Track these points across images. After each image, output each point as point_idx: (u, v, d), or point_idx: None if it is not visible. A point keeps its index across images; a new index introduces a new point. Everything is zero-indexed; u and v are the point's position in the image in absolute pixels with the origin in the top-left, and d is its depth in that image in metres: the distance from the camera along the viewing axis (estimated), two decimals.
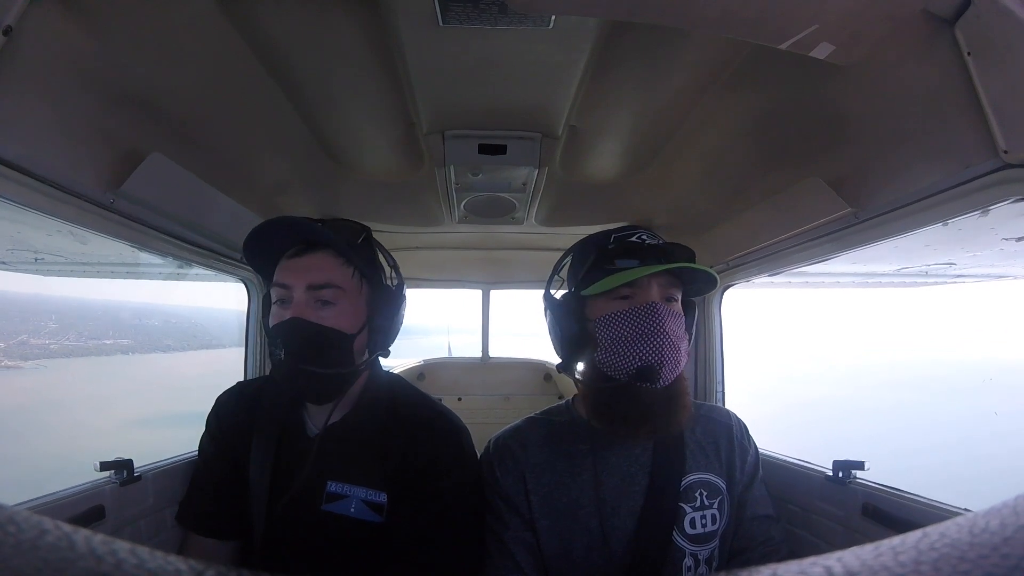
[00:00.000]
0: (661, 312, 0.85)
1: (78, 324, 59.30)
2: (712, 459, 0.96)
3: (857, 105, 0.89)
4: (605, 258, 0.91)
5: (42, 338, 44.79)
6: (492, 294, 2.52)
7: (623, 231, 0.94)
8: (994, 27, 0.63)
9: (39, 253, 1.30)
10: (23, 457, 11.97)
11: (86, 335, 54.69)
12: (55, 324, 53.52)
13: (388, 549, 0.89)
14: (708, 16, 0.68)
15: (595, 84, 0.98)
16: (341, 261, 0.90)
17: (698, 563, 0.90)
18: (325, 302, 0.88)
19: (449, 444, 0.95)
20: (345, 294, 0.89)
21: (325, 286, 0.87)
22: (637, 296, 0.87)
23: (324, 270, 0.88)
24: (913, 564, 0.15)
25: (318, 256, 0.89)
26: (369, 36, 0.86)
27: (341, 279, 0.89)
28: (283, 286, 0.88)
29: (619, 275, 0.87)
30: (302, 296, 0.87)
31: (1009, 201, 0.73)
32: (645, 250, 0.90)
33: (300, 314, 0.86)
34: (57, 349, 41.78)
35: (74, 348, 46.63)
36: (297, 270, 0.88)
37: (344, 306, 0.89)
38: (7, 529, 0.15)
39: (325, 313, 0.87)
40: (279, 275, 0.90)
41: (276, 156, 1.28)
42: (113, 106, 0.88)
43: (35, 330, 46.68)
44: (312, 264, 0.88)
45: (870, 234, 1.00)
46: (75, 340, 50.72)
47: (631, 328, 0.85)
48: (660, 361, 0.83)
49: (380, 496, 0.91)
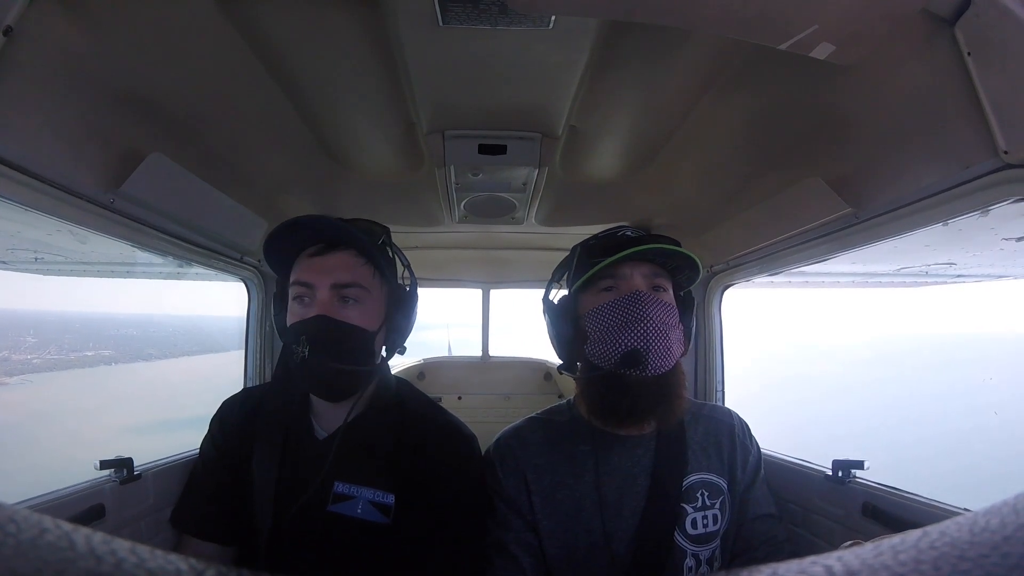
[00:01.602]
0: (644, 299, 0.86)
1: (57, 337, 59.46)
2: (714, 459, 0.96)
3: (857, 105, 0.89)
4: (588, 254, 0.95)
5: (23, 353, 44.64)
6: (492, 293, 2.52)
7: (609, 230, 0.99)
8: (994, 27, 0.63)
9: (39, 252, 1.30)
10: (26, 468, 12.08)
11: (67, 348, 54.71)
12: (34, 338, 53.67)
13: (394, 551, 0.89)
14: (708, 16, 0.68)
15: (595, 84, 0.98)
16: (363, 261, 0.91)
17: (699, 563, 0.90)
18: (349, 300, 0.89)
19: (459, 450, 0.97)
20: (368, 293, 0.91)
21: (350, 285, 0.88)
22: (621, 287, 0.90)
23: (348, 269, 0.89)
24: (913, 563, 0.15)
25: (341, 256, 0.90)
26: (369, 36, 0.86)
27: (364, 278, 0.90)
28: (305, 284, 0.88)
29: (597, 267, 0.90)
30: (327, 294, 0.87)
31: (1009, 201, 0.73)
32: (625, 243, 0.92)
33: (326, 312, 0.86)
34: (40, 363, 41.57)
35: (57, 361, 46.26)
36: (321, 269, 0.88)
37: (367, 305, 0.91)
38: (7, 528, 0.15)
39: (349, 311, 0.88)
40: (300, 273, 0.90)
41: (276, 156, 1.28)
42: (113, 106, 0.88)
43: (14, 346, 46.63)
44: (336, 263, 0.89)
45: (870, 234, 1.00)
46: (56, 353, 50.62)
47: (616, 317, 0.87)
48: (646, 347, 0.84)
49: (387, 497, 0.91)
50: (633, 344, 0.84)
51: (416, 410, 1.00)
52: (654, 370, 0.84)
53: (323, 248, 0.90)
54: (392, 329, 0.96)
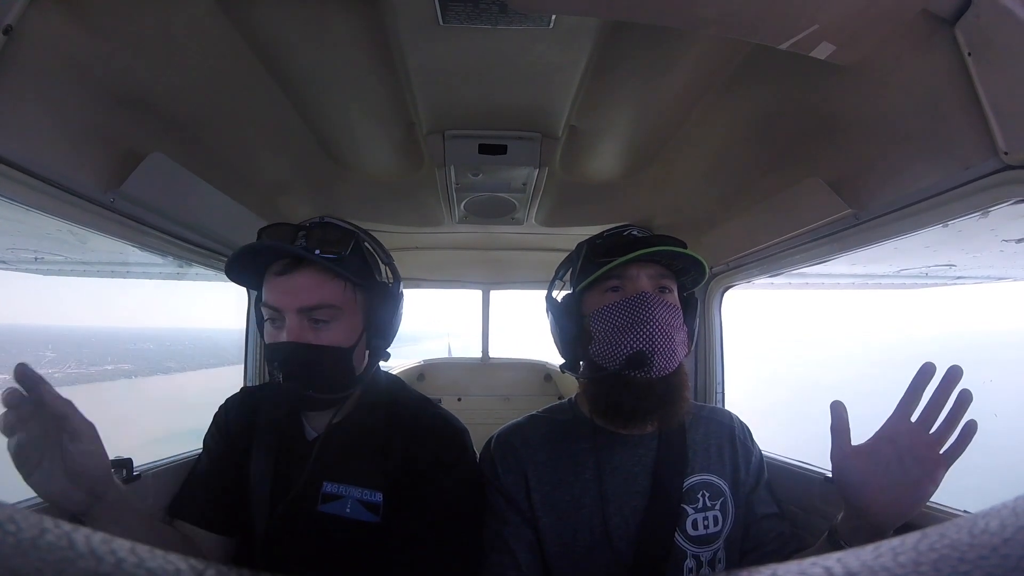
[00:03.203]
0: (650, 301, 0.86)
1: (75, 352, 60.06)
2: (714, 460, 0.96)
3: (857, 105, 0.89)
4: (594, 254, 0.94)
5: (44, 367, 45.28)
6: (492, 294, 2.53)
7: (614, 229, 0.98)
8: (994, 27, 0.63)
9: (39, 252, 1.30)
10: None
11: (86, 362, 55.73)
12: (53, 353, 54.14)
13: (385, 549, 0.89)
14: (708, 16, 0.68)
15: (595, 84, 0.98)
16: (330, 275, 0.86)
17: (700, 565, 0.90)
18: (319, 321, 0.86)
19: (451, 444, 0.96)
20: (339, 311, 0.87)
21: (318, 307, 0.85)
22: (627, 287, 0.89)
23: (313, 289, 0.85)
24: (913, 565, 0.15)
25: (306, 275, 0.85)
26: (369, 36, 0.86)
27: (332, 296, 0.86)
28: (273, 308, 0.86)
29: (605, 267, 0.89)
30: (295, 319, 0.84)
31: (1009, 202, 0.73)
32: (631, 243, 0.91)
33: (296, 338, 0.83)
34: (62, 377, 42.00)
35: (78, 375, 46.83)
36: (286, 291, 0.85)
37: (340, 322, 0.87)
38: (7, 528, 0.15)
39: (321, 334, 0.86)
40: (267, 295, 0.87)
41: (276, 156, 1.28)
42: (113, 106, 0.88)
43: (34, 360, 47.14)
44: (300, 284, 0.84)
45: (870, 235, 1.00)
46: (77, 368, 51.35)
47: (622, 318, 0.86)
48: (651, 348, 0.83)
49: (376, 496, 0.91)
50: (638, 346, 0.84)
51: (406, 406, 0.99)
52: (659, 372, 0.84)
53: (288, 266, 0.85)
54: (373, 334, 0.92)
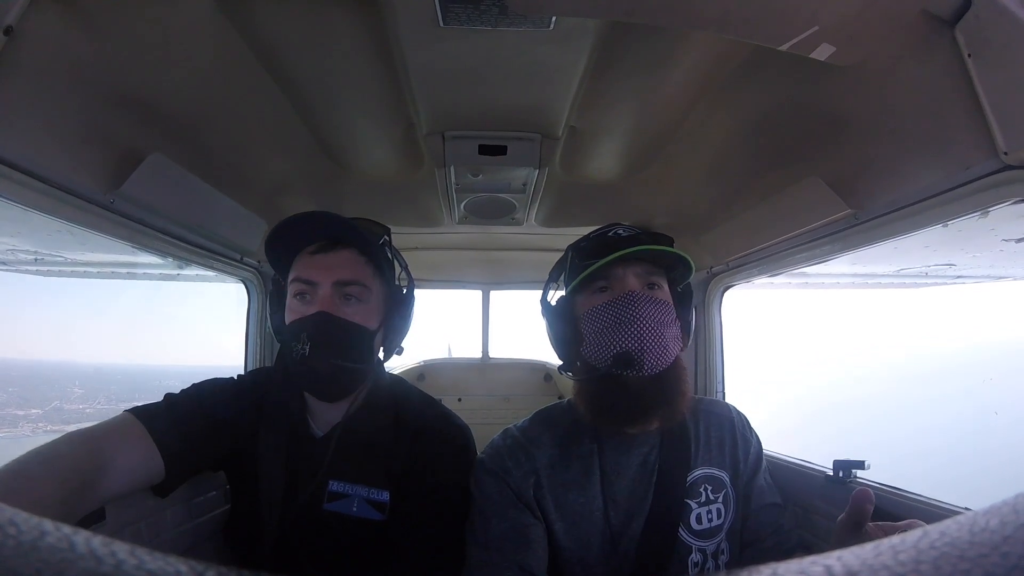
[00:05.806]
0: (637, 299, 0.86)
1: (103, 388, 60.95)
2: (715, 453, 0.96)
3: (857, 106, 0.89)
4: (579, 256, 0.94)
5: (74, 403, 45.78)
6: (492, 295, 2.52)
7: (600, 229, 0.98)
8: (994, 28, 0.63)
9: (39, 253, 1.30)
10: None
11: (114, 398, 56.66)
12: (81, 389, 54.75)
13: (392, 547, 0.89)
14: (708, 16, 0.68)
15: (595, 84, 0.98)
16: (364, 260, 0.91)
17: (706, 558, 0.90)
18: (351, 298, 0.89)
19: (455, 442, 0.97)
20: (369, 292, 0.91)
21: (352, 283, 0.89)
22: (615, 287, 0.89)
23: (351, 267, 0.89)
24: (913, 563, 0.15)
25: (343, 254, 0.90)
26: (369, 36, 0.86)
27: (365, 277, 0.90)
28: (307, 282, 0.88)
29: (588, 270, 0.89)
30: (329, 291, 0.87)
31: (1009, 202, 0.73)
32: (615, 243, 0.92)
33: (328, 308, 0.86)
34: (92, 412, 42.34)
35: (107, 411, 47.12)
36: (323, 266, 0.88)
37: (368, 304, 0.91)
38: (7, 530, 0.15)
39: (350, 309, 0.89)
40: (301, 271, 0.90)
41: (276, 156, 1.28)
42: (113, 106, 0.88)
43: (64, 396, 47.65)
44: (338, 261, 0.89)
45: (870, 235, 1.00)
46: (105, 404, 51.65)
47: (609, 318, 0.86)
48: (640, 347, 0.83)
49: (382, 494, 0.91)
50: (626, 345, 0.84)
51: (411, 406, 1.00)
52: (650, 369, 0.84)
53: (325, 246, 0.90)
54: (390, 330, 0.96)
